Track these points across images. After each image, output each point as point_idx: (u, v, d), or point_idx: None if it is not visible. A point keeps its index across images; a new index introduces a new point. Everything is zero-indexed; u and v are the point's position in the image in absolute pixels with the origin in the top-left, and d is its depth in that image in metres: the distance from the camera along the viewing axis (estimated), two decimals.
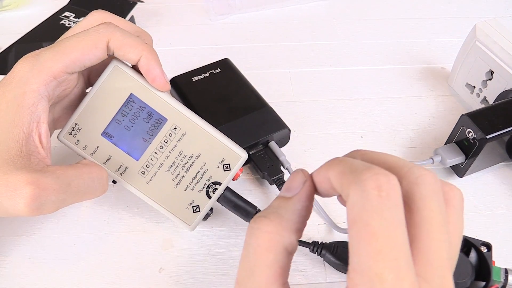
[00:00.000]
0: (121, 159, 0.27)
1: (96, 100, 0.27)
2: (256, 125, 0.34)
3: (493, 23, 0.37)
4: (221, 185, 0.28)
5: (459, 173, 0.34)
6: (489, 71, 0.37)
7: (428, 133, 0.39)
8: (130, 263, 0.29)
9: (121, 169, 0.27)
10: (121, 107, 0.27)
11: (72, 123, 0.27)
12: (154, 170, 0.28)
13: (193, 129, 0.28)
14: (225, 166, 0.28)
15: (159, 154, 0.28)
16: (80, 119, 0.27)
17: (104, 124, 0.27)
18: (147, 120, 0.27)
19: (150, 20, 0.50)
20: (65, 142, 0.27)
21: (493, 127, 0.31)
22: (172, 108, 0.28)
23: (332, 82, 0.43)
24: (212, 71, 0.39)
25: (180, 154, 0.28)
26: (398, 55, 0.47)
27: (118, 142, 0.27)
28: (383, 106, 0.41)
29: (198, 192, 0.28)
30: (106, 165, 0.27)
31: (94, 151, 0.27)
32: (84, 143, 0.27)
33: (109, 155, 0.27)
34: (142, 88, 0.27)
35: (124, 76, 0.27)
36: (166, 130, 0.28)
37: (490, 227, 0.32)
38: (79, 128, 0.27)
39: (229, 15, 0.51)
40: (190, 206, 0.28)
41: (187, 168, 0.28)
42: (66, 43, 0.25)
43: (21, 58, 0.25)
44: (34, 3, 0.51)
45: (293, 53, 0.46)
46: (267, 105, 0.36)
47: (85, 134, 0.27)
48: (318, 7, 0.53)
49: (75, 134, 0.27)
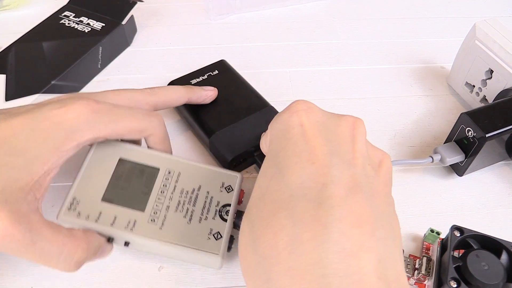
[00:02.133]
0: (127, 216, 0.27)
1: (88, 172, 0.28)
2: (260, 125, 0.34)
3: (492, 22, 0.37)
4: (231, 206, 0.29)
5: (459, 172, 0.34)
6: (489, 70, 0.37)
7: (427, 132, 0.39)
8: (129, 261, 0.29)
9: (130, 224, 0.27)
10: (113, 172, 0.28)
11: (70, 199, 0.26)
12: (163, 214, 0.27)
13: (186, 167, 0.30)
14: (227, 188, 0.29)
15: (162, 198, 0.28)
16: (77, 193, 0.27)
17: (101, 191, 0.27)
18: (141, 175, 0.28)
19: (150, 19, 0.50)
20: (65, 219, 0.26)
21: (493, 126, 0.31)
22: (160, 157, 0.29)
23: (331, 81, 0.43)
24: (210, 73, 0.39)
25: (182, 192, 0.28)
26: (398, 54, 0.47)
27: (119, 202, 0.27)
28: (382, 105, 0.41)
29: (212, 219, 0.28)
30: (114, 226, 0.26)
31: (98, 217, 0.26)
32: (86, 213, 0.26)
33: (114, 216, 0.27)
34: (129, 150, 0.29)
35: (110, 145, 0.29)
36: (161, 177, 0.29)
37: (490, 225, 0.32)
38: (77, 202, 0.26)
39: (228, 14, 0.51)
40: (211, 236, 0.27)
41: (193, 201, 0.28)
42: (123, 120, 0.27)
43: (82, 100, 0.26)
44: (34, 3, 0.51)
45: (293, 53, 0.46)
46: (268, 104, 0.36)
47: (85, 205, 0.26)
48: (318, 7, 0.53)
49: (74, 208, 0.26)
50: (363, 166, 0.21)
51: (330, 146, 0.21)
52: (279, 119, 0.24)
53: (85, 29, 0.43)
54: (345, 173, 0.20)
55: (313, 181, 0.20)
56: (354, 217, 0.18)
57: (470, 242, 0.27)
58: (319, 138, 0.22)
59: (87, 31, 0.43)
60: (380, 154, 0.24)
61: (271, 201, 0.20)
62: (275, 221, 0.19)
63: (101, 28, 0.43)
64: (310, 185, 0.20)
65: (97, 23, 0.43)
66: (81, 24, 0.43)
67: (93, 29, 0.43)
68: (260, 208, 0.21)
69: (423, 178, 0.35)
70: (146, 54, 0.45)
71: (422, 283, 0.28)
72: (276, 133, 0.24)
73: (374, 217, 0.19)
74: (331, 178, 0.20)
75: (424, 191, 0.34)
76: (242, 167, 0.34)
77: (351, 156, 0.21)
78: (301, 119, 0.23)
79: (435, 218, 0.32)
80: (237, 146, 0.33)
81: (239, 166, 0.34)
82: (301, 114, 0.23)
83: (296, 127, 0.22)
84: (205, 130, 0.34)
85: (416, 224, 0.31)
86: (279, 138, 0.23)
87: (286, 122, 0.23)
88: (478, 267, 0.25)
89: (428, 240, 0.30)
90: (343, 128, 0.23)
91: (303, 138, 0.22)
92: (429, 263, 0.28)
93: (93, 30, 0.43)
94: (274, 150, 0.23)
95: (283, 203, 0.19)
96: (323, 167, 0.20)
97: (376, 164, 0.23)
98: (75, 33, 0.42)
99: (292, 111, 0.23)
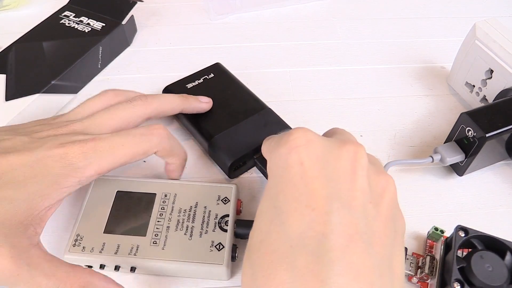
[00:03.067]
0: (130, 242, 0.28)
1: (89, 209, 0.29)
2: (258, 128, 0.34)
3: (492, 22, 0.37)
4: (229, 216, 0.29)
5: (459, 171, 0.34)
6: (489, 70, 0.37)
7: (427, 132, 0.39)
8: None
9: (133, 250, 0.27)
10: (112, 205, 0.30)
11: (74, 236, 0.28)
12: (164, 235, 0.28)
13: (181, 187, 0.31)
14: (223, 200, 0.30)
15: (162, 221, 0.29)
16: (80, 229, 0.28)
17: (103, 224, 0.29)
18: (139, 203, 0.30)
19: (150, 19, 0.50)
20: (71, 256, 0.27)
21: (493, 126, 0.31)
22: (155, 183, 0.31)
23: (331, 81, 0.43)
24: (206, 77, 0.39)
25: (180, 211, 0.29)
26: (398, 54, 0.47)
27: (121, 231, 0.28)
28: (383, 105, 0.41)
29: (212, 231, 0.28)
30: (118, 254, 0.27)
31: (102, 248, 0.27)
32: (91, 246, 0.27)
33: (117, 245, 0.28)
34: (125, 182, 0.31)
35: (108, 179, 0.31)
36: (158, 201, 0.30)
37: (490, 225, 0.32)
38: (81, 237, 0.28)
39: (228, 14, 0.51)
40: (213, 247, 0.28)
41: (192, 218, 0.29)
42: (122, 149, 0.27)
43: (80, 141, 0.26)
44: (34, 3, 0.51)
45: (293, 52, 0.46)
46: (266, 106, 0.36)
47: (89, 239, 0.28)
48: (318, 7, 0.53)
49: (79, 243, 0.28)
50: (363, 206, 0.21)
51: (330, 187, 0.21)
52: (277, 154, 0.23)
53: (85, 29, 0.43)
54: (345, 219, 0.20)
55: (313, 230, 0.19)
56: (353, 270, 0.18)
57: (475, 243, 0.27)
58: (319, 179, 0.21)
59: (87, 31, 0.43)
60: (383, 181, 0.23)
61: (272, 251, 0.20)
62: (275, 274, 0.19)
63: (101, 28, 0.43)
64: (310, 235, 0.19)
65: (97, 23, 0.43)
66: (81, 24, 0.43)
67: (93, 29, 0.43)
68: (261, 254, 0.20)
69: (423, 178, 0.35)
70: (146, 54, 0.45)
71: (425, 282, 0.28)
72: (275, 170, 0.23)
73: (373, 267, 0.19)
74: (331, 227, 0.19)
75: (424, 191, 0.34)
76: (242, 170, 0.34)
77: (351, 196, 0.21)
78: (300, 156, 0.22)
79: (435, 218, 0.32)
80: (236, 150, 0.33)
81: (239, 170, 0.34)
82: (300, 150, 0.22)
83: (295, 166, 0.21)
84: (204, 135, 0.34)
85: (416, 223, 0.31)
86: (278, 176, 0.22)
87: (285, 160, 0.22)
88: (482, 269, 0.25)
89: (432, 238, 0.30)
90: (343, 162, 0.22)
91: (303, 180, 0.21)
92: (433, 262, 0.28)
93: (93, 30, 0.43)
94: (273, 189, 0.22)
95: (283, 254, 0.19)
96: (322, 214, 0.20)
97: (378, 195, 0.22)
98: (75, 33, 0.42)
99: (291, 147, 0.22)
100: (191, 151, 0.36)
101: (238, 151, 0.33)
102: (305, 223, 0.20)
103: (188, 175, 0.34)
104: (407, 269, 0.28)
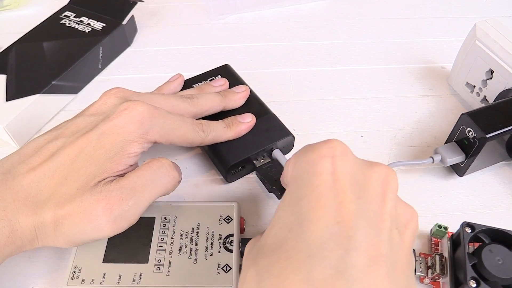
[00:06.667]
0: (132, 271, 0.27)
1: None
2: (260, 133, 0.34)
3: (493, 22, 0.37)
4: (234, 235, 0.28)
5: (459, 172, 0.34)
6: (489, 71, 0.37)
7: (428, 133, 0.39)
8: None
9: (136, 278, 0.26)
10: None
11: (72, 268, 0.27)
12: (167, 260, 0.27)
13: (180, 209, 0.30)
14: (226, 219, 0.29)
15: (163, 245, 0.28)
16: (77, 261, 0.27)
17: (101, 254, 0.27)
18: (138, 228, 0.28)
19: (150, 19, 0.50)
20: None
21: (493, 126, 0.31)
22: (153, 206, 0.29)
23: (332, 81, 0.43)
24: (213, 78, 0.38)
25: (182, 234, 0.28)
26: (398, 54, 0.47)
27: (121, 260, 0.27)
28: (383, 105, 0.41)
29: (218, 253, 0.27)
30: (120, 284, 0.26)
31: (103, 279, 0.26)
32: (91, 278, 0.26)
33: (119, 274, 0.26)
34: None
35: None
36: (158, 225, 0.29)
37: (490, 225, 0.32)
38: (79, 269, 0.27)
39: (229, 14, 0.51)
40: (220, 270, 0.27)
41: (195, 240, 0.28)
42: (178, 129, 0.29)
43: (144, 103, 0.27)
44: (34, 3, 0.51)
45: (293, 53, 0.46)
46: (270, 112, 0.36)
47: (88, 271, 0.26)
48: (318, 7, 0.53)
49: (77, 276, 0.26)
50: (390, 230, 0.20)
51: (359, 203, 0.20)
52: (306, 158, 0.22)
53: (85, 29, 0.43)
54: (371, 239, 0.19)
55: (336, 243, 0.18)
56: None
57: (482, 237, 0.27)
58: (349, 193, 0.20)
59: (87, 31, 0.43)
60: (408, 213, 0.22)
61: (286, 258, 0.19)
62: (288, 282, 0.18)
63: (101, 28, 0.43)
64: (332, 247, 0.18)
65: (97, 23, 0.43)
66: (81, 24, 0.43)
67: (93, 29, 0.43)
68: (272, 262, 0.19)
69: (424, 178, 0.35)
70: (147, 54, 0.45)
71: (437, 281, 0.28)
72: (301, 174, 0.21)
73: None
74: (355, 244, 0.18)
75: (424, 192, 0.34)
76: (241, 174, 0.34)
77: (379, 218, 0.20)
78: (335, 166, 0.20)
79: (436, 218, 0.32)
80: (236, 153, 0.32)
81: (238, 173, 0.34)
82: (335, 161, 0.21)
83: (326, 175, 0.20)
84: None
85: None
86: (304, 181, 0.21)
87: (314, 165, 0.21)
88: (493, 262, 0.25)
89: (436, 236, 0.30)
90: (374, 182, 0.21)
91: (332, 191, 0.20)
92: (442, 260, 0.28)
93: (93, 30, 0.43)
94: (296, 194, 0.21)
95: (299, 263, 0.18)
96: (348, 229, 0.19)
97: (403, 225, 0.21)
98: (75, 33, 0.42)
99: (323, 154, 0.21)
100: (191, 151, 0.36)
101: (238, 154, 0.32)
102: (327, 235, 0.19)
103: (188, 175, 0.34)
104: (418, 271, 0.28)
